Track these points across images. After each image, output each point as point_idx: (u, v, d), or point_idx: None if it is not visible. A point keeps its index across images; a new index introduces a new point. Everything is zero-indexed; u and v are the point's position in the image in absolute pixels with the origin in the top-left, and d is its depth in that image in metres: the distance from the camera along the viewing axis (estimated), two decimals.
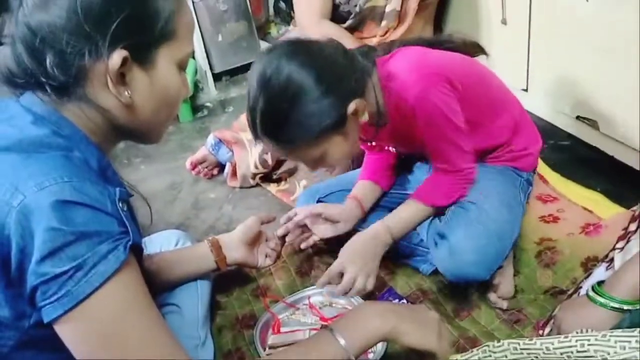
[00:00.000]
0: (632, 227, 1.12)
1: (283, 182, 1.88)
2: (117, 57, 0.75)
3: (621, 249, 1.10)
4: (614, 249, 1.14)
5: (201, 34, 2.68)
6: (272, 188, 1.89)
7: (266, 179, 1.91)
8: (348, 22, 1.81)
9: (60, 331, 0.71)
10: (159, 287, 1.19)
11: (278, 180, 1.89)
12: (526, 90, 1.97)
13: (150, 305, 0.76)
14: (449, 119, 1.18)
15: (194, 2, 2.60)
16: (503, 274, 1.28)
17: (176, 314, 1.21)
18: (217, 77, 2.81)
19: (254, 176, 1.88)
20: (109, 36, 0.74)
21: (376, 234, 1.27)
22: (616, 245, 1.13)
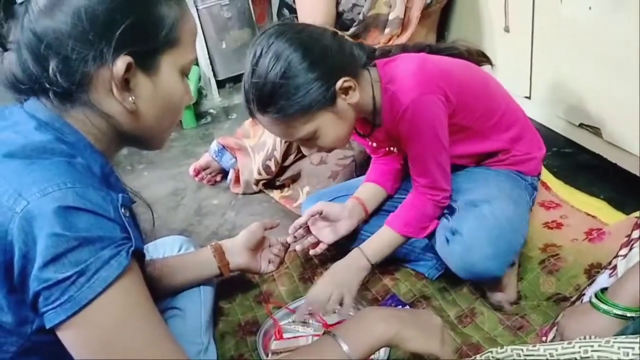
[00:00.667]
0: (635, 234, 1.11)
1: (286, 189, 1.88)
2: (121, 63, 0.76)
3: (624, 256, 1.09)
4: (617, 256, 1.13)
5: (205, 41, 2.70)
6: (275, 194, 1.89)
7: (269, 185, 1.91)
8: (351, 30, 1.81)
9: (63, 337, 0.71)
10: (162, 292, 1.19)
11: (281, 187, 1.90)
12: (529, 98, 1.98)
13: (153, 310, 0.76)
14: (436, 132, 1.20)
15: (198, 10, 2.62)
16: (509, 276, 1.28)
17: (179, 319, 1.22)
18: (220, 84, 2.83)
19: (257, 182, 1.89)
20: (113, 42, 0.75)
21: (351, 259, 1.29)
22: (619, 253, 1.13)
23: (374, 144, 1.40)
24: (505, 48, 2.01)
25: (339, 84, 1.14)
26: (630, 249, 1.08)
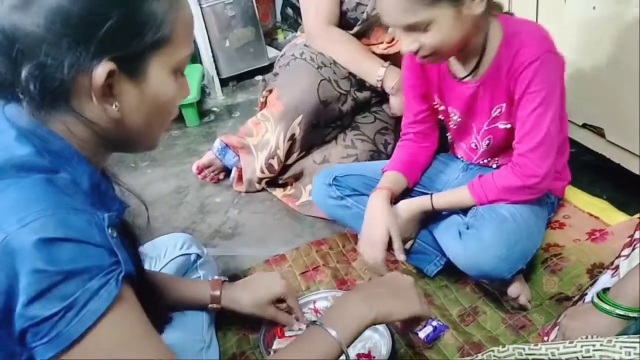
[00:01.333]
0: (638, 234, 1.12)
1: (289, 187, 1.88)
2: (102, 70, 0.69)
3: (627, 256, 1.10)
4: (619, 256, 1.14)
5: (209, 39, 2.70)
6: (278, 193, 1.89)
7: (272, 183, 1.91)
8: (355, 29, 1.81)
9: None
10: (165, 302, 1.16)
11: (284, 185, 1.90)
12: None
13: (149, 333, 0.73)
14: (558, 94, 1.17)
15: (202, 8, 2.63)
16: (520, 279, 1.28)
17: (181, 317, 1.21)
18: (224, 83, 2.83)
19: (260, 181, 1.89)
20: (92, 48, 0.68)
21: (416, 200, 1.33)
22: (622, 253, 1.14)
23: (439, 104, 1.36)
24: None
25: None
26: (633, 249, 1.09)
